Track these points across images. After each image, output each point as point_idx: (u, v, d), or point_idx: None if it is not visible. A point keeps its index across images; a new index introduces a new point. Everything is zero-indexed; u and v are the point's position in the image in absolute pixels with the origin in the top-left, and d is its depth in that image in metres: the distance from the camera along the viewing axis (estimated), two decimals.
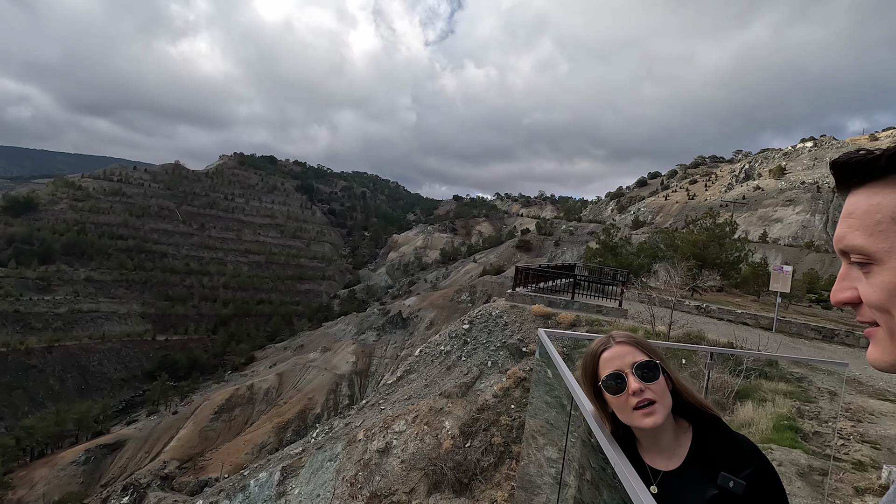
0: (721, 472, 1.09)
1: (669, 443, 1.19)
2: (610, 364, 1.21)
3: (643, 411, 1.14)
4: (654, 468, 1.19)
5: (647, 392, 1.15)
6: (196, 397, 57.40)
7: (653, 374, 1.16)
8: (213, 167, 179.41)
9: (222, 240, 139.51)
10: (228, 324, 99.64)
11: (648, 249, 30.40)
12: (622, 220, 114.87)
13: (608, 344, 1.25)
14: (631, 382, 1.16)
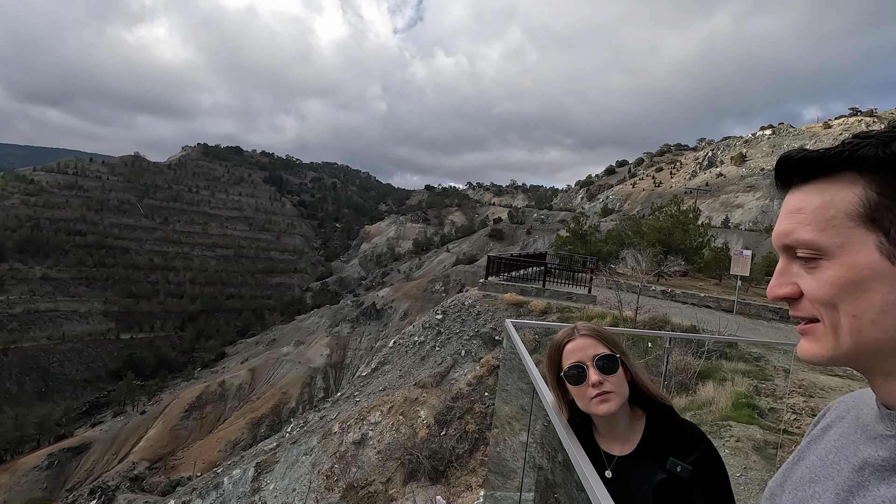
0: (670, 457, 1.16)
1: (624, 430, 1.27)
2: (573, 355, 1.27)
3: (599, 399, 1.21)
4: (610, 453, 1.26)
5: (606, 384, 1.22)
6: (165, 396, 55.92)
7: (612, 367, 1.23)
8: (175, 158, 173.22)
9: (188, 234, 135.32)
10: (197, 320, 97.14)
11: (616, 237, 31.13)
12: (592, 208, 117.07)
13: (572, 336, 1.31)
14: (591, 375, 1.22)
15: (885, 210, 0.51)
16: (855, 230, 0.52)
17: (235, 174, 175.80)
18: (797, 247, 0.56)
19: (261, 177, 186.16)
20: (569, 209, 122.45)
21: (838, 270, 0.53)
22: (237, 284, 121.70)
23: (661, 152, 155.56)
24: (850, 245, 0.52)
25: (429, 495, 8.43)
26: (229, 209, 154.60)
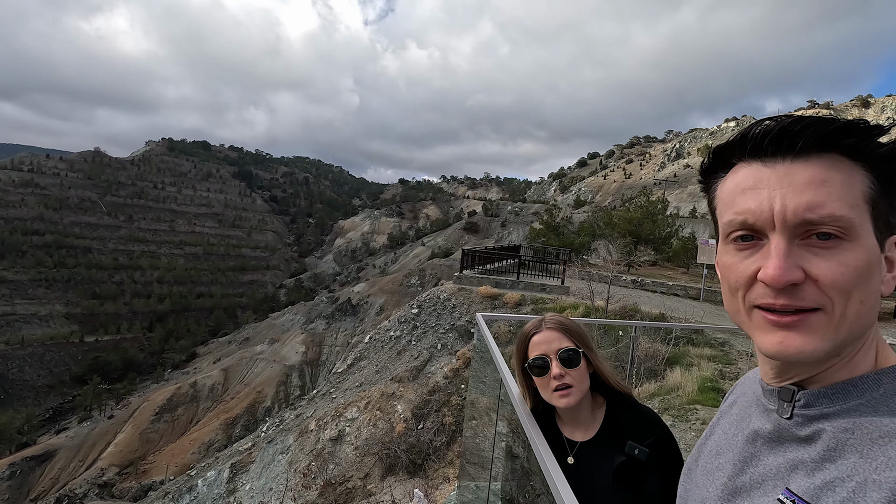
0: (628, 441, 1.22)
1: (586, 417, 1.32)
2: (538, 347, 1.31)
3: (560, 393, 1.26)
4: (572, 440, 1.31)
5: (567, 377, 1.26)
6: (134, 399, 54.30)
7: (574, 360, 1.27)
8: (139, 154, 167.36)
9: (154, 231, 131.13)
10: (165, 320, 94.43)
11: (588, 228, 31.71)
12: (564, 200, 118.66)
13: (539, 328, 1.35)
14: (553, 367, 1.27)
15: (879, 198, 0.52)
16: (866, 213, 0.52)
17: (203, 170, 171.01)
18: (827, 223, 0.51)
19: (230, 172, 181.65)
20: (542, 201, 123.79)
21: (861, 253, 0.51)
22: (207, 283, 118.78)
23: (631, 144, 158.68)
24: (865, 227, 0.51)
25: (407, 489, 8.48)
26: (197, 206, 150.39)
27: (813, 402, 0.54)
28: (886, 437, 0.48)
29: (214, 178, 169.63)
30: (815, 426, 0.54)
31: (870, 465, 0.47)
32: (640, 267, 22.29)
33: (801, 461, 0.54)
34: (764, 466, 0.59)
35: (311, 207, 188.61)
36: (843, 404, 0.53)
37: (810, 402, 0.55)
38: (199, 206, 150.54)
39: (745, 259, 0.55)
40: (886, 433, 0.48)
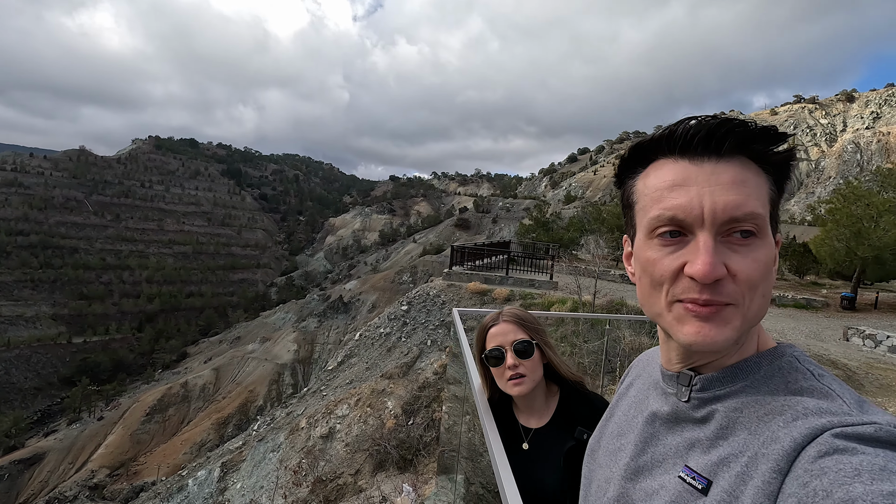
0: (578, 426, 1.29)
1: (540, 405, 1.40)
2: (494, 339, 1.39)
3: (514, 381, 1.34)
4: (527, 427, 1.39)
5: (521, 367, 1.34)
6: (124, 400, 53.85)
7: (528, 351, 1.35)
8: (125, 152, 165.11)
9: (142, 231, 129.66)
10: (155, 320, 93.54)
11: (577, 223, 31.91)
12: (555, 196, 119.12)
13: (496, 321, 1.42)
14: (508, 358, 1.34)
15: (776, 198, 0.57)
16: (768, 213, 0.56)
17: (191, 168, 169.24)
18: (748, 220, 0.54)
19: (218, 170, 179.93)
20: (533, 197, 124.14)
21: (768, 250, 0.55)
22: (197, 282, 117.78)
23: (621, 139, 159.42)
24: (769, 226, 0.56)
25: (396, 484, 8.57)
26: (186, 204, 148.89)
27: (707, 386, 0.58)
28: (770, 415, 0.52)
29: (203, 177, 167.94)
30: (709, 407, 0.58)
31: (757, 440, 0.51)
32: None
33: (697, 440, 0.58)
34: (664, 446, 0.62)
35: (302, 205, 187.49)
36: (731, 386, 0.57)
37: (705, 386, 0.59)
38: (188, 205, 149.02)
39: (670, 255, 0.57)
40: (769, 411, 0.52)
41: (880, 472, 0.40)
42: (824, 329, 12.12)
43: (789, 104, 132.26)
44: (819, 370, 0.55)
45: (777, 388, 0.54)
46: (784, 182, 0.57)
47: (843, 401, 0.50)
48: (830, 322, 13.10)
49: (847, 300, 15.24)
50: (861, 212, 14.96)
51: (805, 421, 0.48)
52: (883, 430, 0.44)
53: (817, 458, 0.44)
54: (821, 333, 11.62)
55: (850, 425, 0.46)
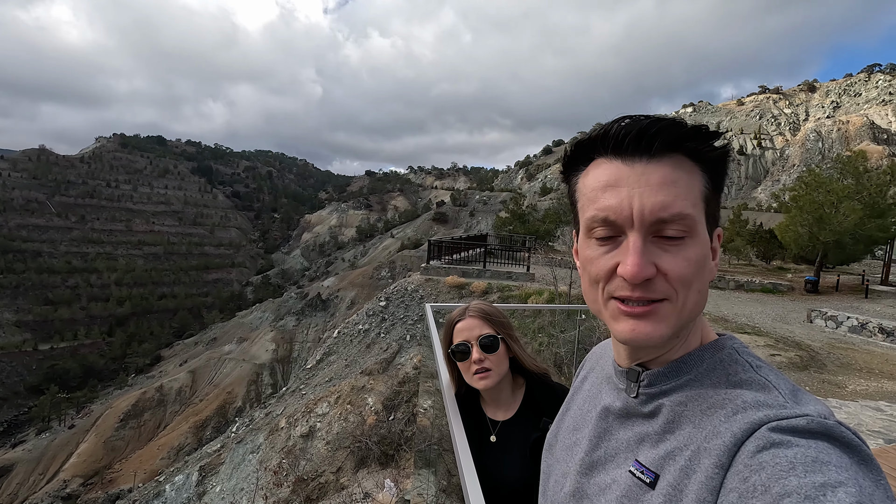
0: (543, 417, 1.32)
1: (507, 398, 1.42)
2: (460, 334, 1.41)
3: (479, 375, 1.36)
4: (494, 419, 1.40)
5: (486, 361, 1.36)
6: (96, 407, 52.30)
7: (493, 346, 1.37)
8: (89, 151, 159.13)
9: (109, 232, 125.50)
10: (126, 324, 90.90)
11: (553, 215, 32.25)
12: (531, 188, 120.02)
13: (462, 316, 1.44)
14: (474, 353, 1.36)
15: (710, 195, 0.59)
16: (702, 211, 0.58)
17: (159, 166, 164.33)
18: (674, 221, 0.55)
19: (188, 168, 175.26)
20: (510, 190, 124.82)
21: (700, 248, 0.57)
22: (170, 283, 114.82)
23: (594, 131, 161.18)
24: (702, 223, 0.57)
25: (378, 480, 8.58)
26: (155, 203, 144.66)
27: (654, 381, 0.60)
28: (712, 408, 0.54)
29: (172, 175, 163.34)
30: (656, 402, 0.60)
31: (701, 433, 0.53)
32: None
33: (646, 434, 0.60)
34: (616, 440, 0.64)
35: (276, 202, 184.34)
36: (677, 380, 0.59)
37: (652, 381, 0.60)
38: (157, 204, 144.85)
39: (606, 254, 0.58)
40: (712, 404, 0.54)
41: (812, 463, 0.42)
42: (790, 312, 12.59)
43: (755, 94, 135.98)
44: (757, 361, 0.57)
45: (718, 380, 0.56)
46: (720, 179, 0.58)
47: (779, 392, 0.52)
48: (795, 305, 13.61)
49: (810, 284, 15.85)
50: (822, 198, 15.53)
51: (744, 415, 0.50)
52: (815, 422, 0.46)
53: (755, 452, 0.46)
54: (786, 316, 12.06)
55: (785, 418, 0.47)
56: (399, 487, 6.61)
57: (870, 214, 15.35)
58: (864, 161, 17.56)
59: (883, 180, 16.57)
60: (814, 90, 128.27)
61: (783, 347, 8.75)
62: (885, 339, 9.99)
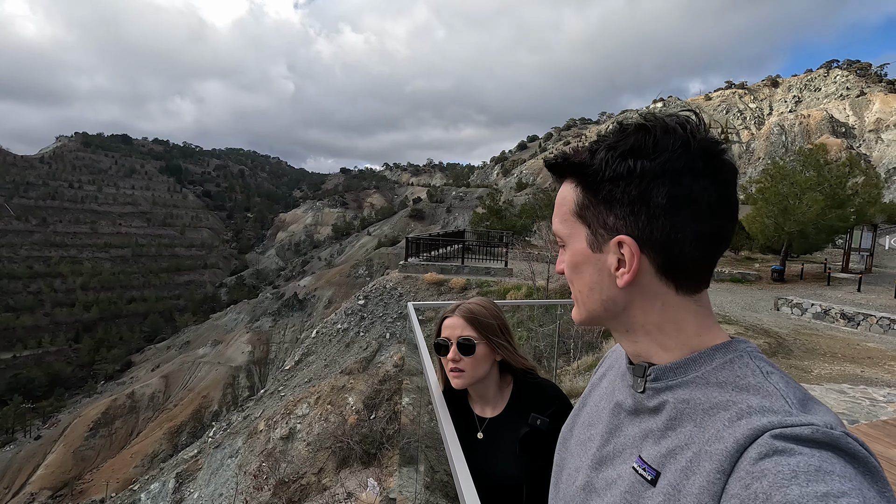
0: (532, 412, 1.33)
1: (494, 395, 1.43)
2: (446, 330, 1.43)
3: (453, 374, 1.39)
4: (482, 416, 1.41)
5: (461, 363, 1.38)
6: (64, 416, 50.50)
7: (469, 350, 1.38)
8: (49, 151, 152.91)
9: (73, 235, 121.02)
10: (94, 329, 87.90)
11: (530, 210, 32.54)
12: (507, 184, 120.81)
13: (451, 313, 1.44)
14: (451, 352, 1.37)
15: (587, 208, 0.63)
16: (576, 224, 0.64)
17: (125, 165, 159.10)
18: (557, 235, 0.68)
19: (156, 167, 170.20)
20: (486, 185, 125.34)
21: (567, 255, 0.67)
22: (139, 286, 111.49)
23: (568, 126, 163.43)
24: (574, 235, 0.65)
25: (361, 479, 8.54)
26: (121, 204, 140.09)
27: (661, 376, 0.61)
28: (715, 408, 0.54)
29: (139, 174, 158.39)
30: (660, 398, 0.60)
31: (703, 434, 0.53)
32: None
33: (650, 430, 0.60)
34: (624, 436, 0.65)
35: (249, 201, 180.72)
36: (683, 377, 0.59)
37: (658, 376, 0.61)
38: (124, 205, 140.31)
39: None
40: (715, 404, 0.55)
41: (815, 472, 0.42)
42: (758, 301, 13.03)
43: (721, 90, 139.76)
44: (769, 368, 0.57)
45: (726, 381, 0.56)
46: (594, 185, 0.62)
47: (787, 400, 0.51)
48: (763, 294, 14.09)
49: (777, 273, 16.43)
50: (787, 190, 16.10)
51: (748, 420, 0.50)
52: (819, 432, 0.46)
53: (758, 459, 0.46)
54: (755, 305, 12.48)
55: (789, 426, 0.47)
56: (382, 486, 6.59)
57: (830, 205, 15.99)
58: (825, 154, 18.27)
59: (842, 172, 17.27)
60: (777, 85, 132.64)
61: (752, 335, 9.06)
62: (847, 324, 10.44)
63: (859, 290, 14.00)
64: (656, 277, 0.60)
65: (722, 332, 0.62)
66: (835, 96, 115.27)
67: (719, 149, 0.60)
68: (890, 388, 6.13)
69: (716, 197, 0.58)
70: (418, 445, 2.76)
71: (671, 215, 0.57)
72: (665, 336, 0.62)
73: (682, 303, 0.61)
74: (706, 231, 0.58)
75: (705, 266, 0.61)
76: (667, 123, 0.60)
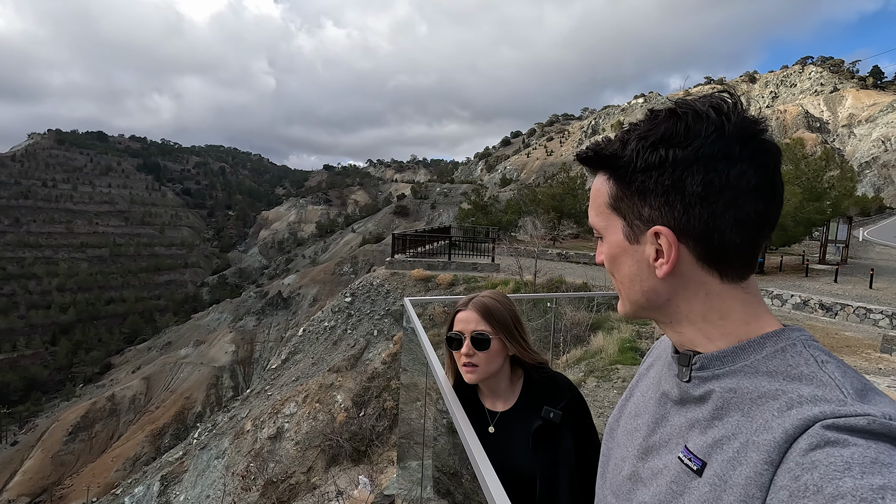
0: (544, 406, 1.32)
1: (505, 389, 1.41)
2: (458, 324, 1.40)
3: (466, 369, 1.36)
4: (493, 411, 1.40)
5: (475, 357, 1.35)
6: (41, 421, 49.26)
7: (484, 344, 1.36)
8: (21, 148, 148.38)
9: (48, 235, 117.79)
10: (71, 331, 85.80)
11: (515, 206, 32.68)
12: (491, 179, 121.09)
13: (464, 306, 1.42)
14: (464, 346, 1.34)
15: (621, 200, 0.63)
16: (612, 216, 0.65)
17: (101, 163, 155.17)
18: (594, 228, 0.69)
19: (133, 165, 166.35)
20: (470, 181, 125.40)
21: (606, 247, 0.67)
22: (118, 287, 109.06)
23: (551, 122, 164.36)
24: (610, 227, 0.65)
25: (352, 476, 8.49)
26: (98, 203, 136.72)
27: (707, 365, 0.60)
28: (763, 398, 0.53)
29: (116, 172, 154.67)
30: (707, 386, 0.59)
31: (750, 424, 0.52)
32: (564, 240, 23.41)
33: (696, 420, 0.59)
34: (670, 426, 0.64)
35: (230, 199, 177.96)
36: (731, 365, 0.58)
37: (704, 365, 0.60)
38: (101, 204, 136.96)
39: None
40: (763, 393, 0.53)
41: (871, 465, 0.40)
42: None
43: (701, 85, 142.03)
44: (824, 357, 0.54)
45: (776, 370, 0.55)
46: (626, 176, 0.62)
47: (842, 390, 0.49)
48: None
49: (758, 265, 16.78)
50: None
51: (798, 410, 0.49)
52: (876, 423, 0.44)
53: (808, 450, 0.45)
54: None
55: (843, 416, 0.45)
56: (374, 483, 6.56)
57: (808, 198, 16.38)
58: (802, 148, 18.70)
59: (819, 166, 17.70)
60: (754, 81, 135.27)
61: None
62: (825, 314, 10.72)
63: (836, 280, 14.38)
64: (698, 266, 0.59)
65: (773, 320, 0.61)
66: (810, 92, 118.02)
67: (757, 129, 0.58)
68: (868, 375, 6.30)
69: (755, 181, 0.56)
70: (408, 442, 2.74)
71: (708, 203, 0.56)
72: (710, 325, 0.61)
73: (727, 291, 0.60)
74: (747, 216, 0.56)
75: (750, 252, 0.59)
76: (698, 108, 0.58)
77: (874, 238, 31.52)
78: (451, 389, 1.32)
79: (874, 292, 12.62)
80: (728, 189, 0.56)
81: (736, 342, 0.59)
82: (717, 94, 0.60)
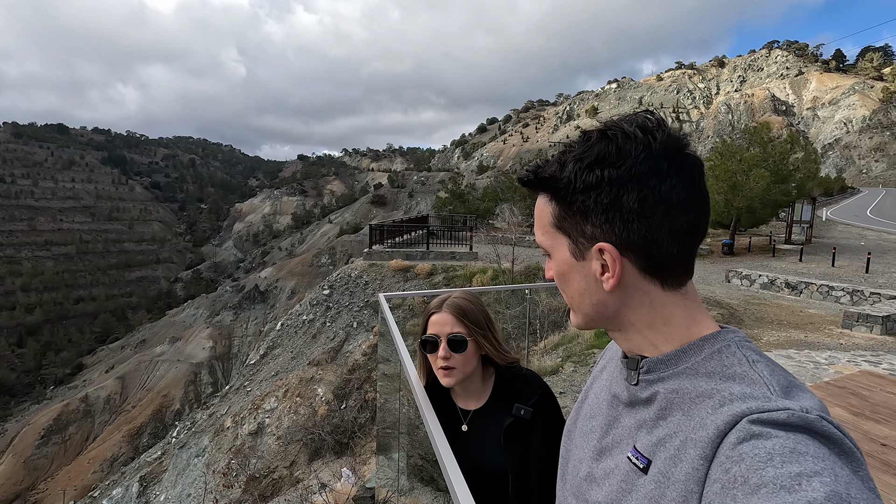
0: (515, 403, 1.34)
1: (477, 388, 1.42)
2: (433, 327, 1.40)
3: (443, 372, 1.36)
4: (466, 409, 1.41)
5: (452, 360, 1.35)
6: (11, 425, 47.72)
7: (460, 346, 1.36)
8: None
9: (8, 233, 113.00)
10: (39, 332, 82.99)
11: (492, 193, 32.74)
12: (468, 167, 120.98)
13: (438, 309, 1.41)
14: (441, 349, 1.34)
15: (565, 220, 0.65)
16: (557, 235, 0.67)
17: (63, 157, 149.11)
18: (541, 247, 0.71)
19: (98, 158, 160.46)
20: (447, 169, 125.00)
21: (554, 265, 0.69)
22: (86, 285, 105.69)
23: (526, 108, 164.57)
24: (557, 245, 0.67)
25: (334, 469, 8.50)
26: (61, 199, 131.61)
27: (652, 368, 0.64)
28: (701, 397, 0.57)
29: (79, 166, 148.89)
30: (653, 388, 0.63)
31: (689, 423, 0.55)
32: None
33: (644, 421, 0.63)
34: (621, 427, 0.67)
35: (202, 192, 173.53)
36: (674, 368, 0.62)
37: (650, 368, 0.64)
38: (65, 200, 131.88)
39: None
40: (701, 393, 0.57)
41: (790, 454, 0.44)
42: (710, 274, 13.68)
43: (672, 70, 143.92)
44: (755, 356, 0.59)
45: (713, 371, 0.58)
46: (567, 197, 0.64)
47: (769, 388, 0.53)
48: (715, 267, 14.79)
49: (727, 246, 17.27)
50: (735, 167, 16.85)
51: (729, 407, 0.52)
52: (795, 416, 0.48)
53: (737, 444, 0.48)
54: (708, 278, 13.09)
55: (766, 411, 0.49)
56: (357, 475, 6.58)
57: (775, 180, 16.87)
58: (768, 132, 19.19)
59: (784, 149, 18.21)
60: (723, 65, 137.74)
61: (707, 307, 9.51)
62: (791, 292, 11.13)
63: (801, 259, 14.91)
64: (641, 277, 0.62)
65: (711, 322, 0.64)
66: (776, 76, 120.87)
67: (681, 144, 0.62)
68: (831, 350, 6.59)
69: (684, 194, 0.60)
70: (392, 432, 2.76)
71: (644, 218, 0.60)
72: (655, 332, 0.64)
73: (669, 298, 0.63)
74: (680, 227, 0.60)
75: (686, 259, 0.63)
76: (626, 129, 0.61)
77: (837, 217, 32.74)
78: (423, 391, 1.33)
79: (836, 270, 13.15)
80: (661, 203, 0.59)
81: (678, 346, 0.62)
82: (640, 114, 0.64)
